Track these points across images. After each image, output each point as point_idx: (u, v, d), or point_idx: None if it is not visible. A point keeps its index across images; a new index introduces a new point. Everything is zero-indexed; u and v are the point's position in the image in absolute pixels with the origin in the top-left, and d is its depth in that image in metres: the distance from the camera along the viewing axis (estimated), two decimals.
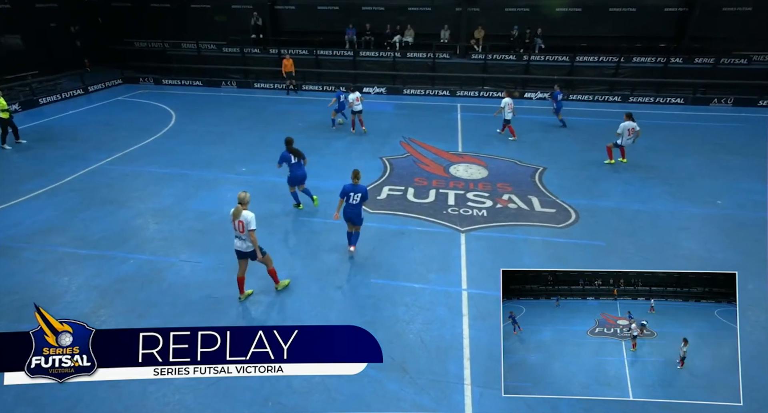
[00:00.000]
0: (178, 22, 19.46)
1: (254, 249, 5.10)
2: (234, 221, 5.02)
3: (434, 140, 11.40)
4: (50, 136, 11.83)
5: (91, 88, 16.42)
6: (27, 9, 16.50)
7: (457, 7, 17.54)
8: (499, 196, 8.24)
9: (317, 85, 17.23)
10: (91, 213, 7.66)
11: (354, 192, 5.95)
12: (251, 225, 4.93)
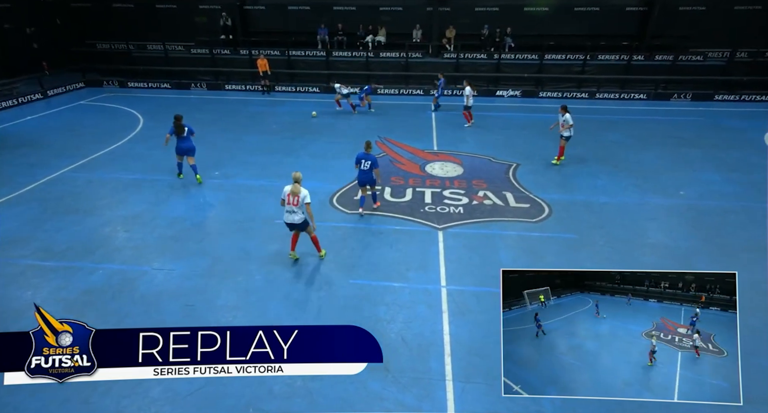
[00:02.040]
0: (143, 23, 18.85)
1: (305, 220, 5.77)
2: (290, 197, 5.63)
3: (409, 139, 11.47)
4: (7, 143, 11.23)
5: (50, 92, 15.68)
6: None
7: (428, 7, 17.69)
8: (475, 193, 8.38)
9: (290, 86, 17.03)
10: (54, 223, 7.33)
11: (365, 159, 7.22)
12: (307, 199, 5.65)
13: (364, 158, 7.23)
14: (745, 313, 3.22)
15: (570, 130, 9.50)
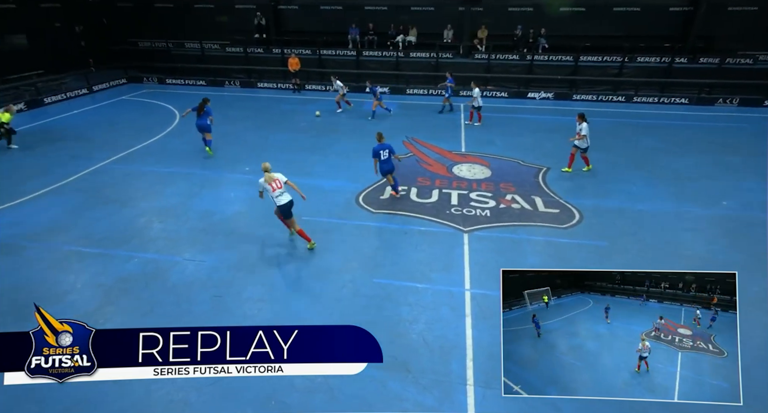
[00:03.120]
0: (181, 22, 19.53)
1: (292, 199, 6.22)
2: (271, 184, 6.05)
3: (437, 140, 11.39)
4: (55, 135, 11.89)
5: (95, 88, 16.51)
6: (31, 9, 16.58)
7: (460, 7, 17.51)
8: (503, 196, 8.23)
9: (320, 85, 17.24)
10: (95, 212, 7.70)
11: (382, 149, 7.64)
12: (283, 178, 6.16)
13: (381, 149, 7.65)
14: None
15: (585, 140, 9.00)
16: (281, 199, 6.18)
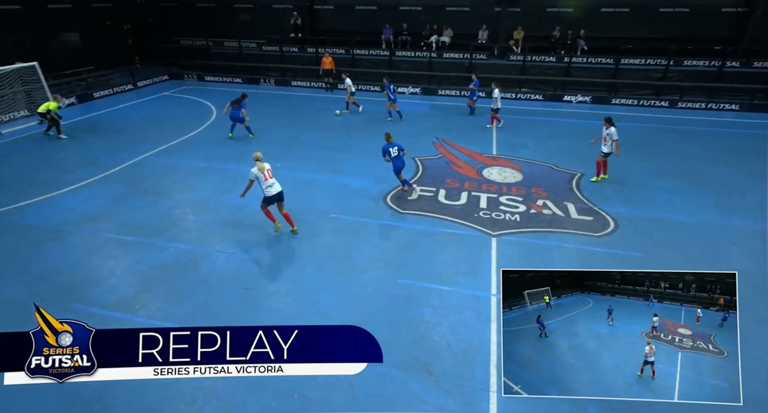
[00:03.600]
0: (222, 21, 20.18)
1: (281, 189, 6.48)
2: (263, 173, 6.34)
3: (468, 142, 11.25)
4: (102, 128, 12.56)
5: (139, 84, 17.31)
6: (85, 9, 17.57)
7: (496, 7, 17.23)
8: (534, 201, 8.03)
9: (353, 85, 17.35)
10: (134, 202, 8.07)
11: (391, 147, 7.95)
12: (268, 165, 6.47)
13: (390, 146, 7.96)
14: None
15: (611, 146, 8.51)
16: (272, 189, 6.45)
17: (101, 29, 18.29)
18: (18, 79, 12.15)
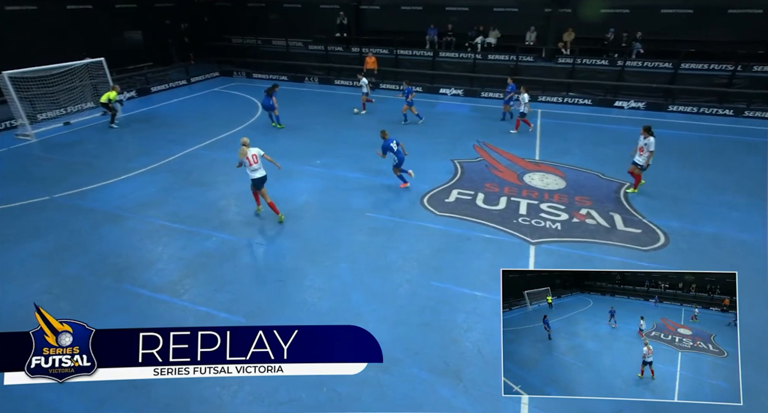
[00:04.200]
0: (271, 21, 20.85)
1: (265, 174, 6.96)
2: (247, 158, 6.77)
3: (510, 146, 10.99)
4: (157, 121, 13.33)
5: (193, 80, 18.22)
6: (148, 8, 18.71)
7: (546, 8, 16.70)
8: (577, 210, 7.72)
9: (394, 84, 17.42)
10: (183, 192, 8.51)
11: (392, 142, 8.30)
12: (261, 152, 6.93)
13: (390, 142, 8.30)
14: None
15: (645, 157, 8.02)
16: (256, 174, 6.96)
17: (161, 27, 19.41)
18: (86, 73, 13.13)
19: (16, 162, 10.12)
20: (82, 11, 16.16)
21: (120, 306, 5.38)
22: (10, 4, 14.09)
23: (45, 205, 7.94)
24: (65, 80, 12.57)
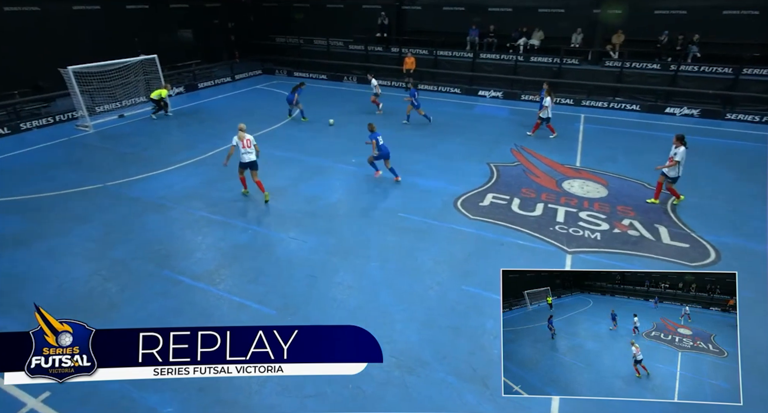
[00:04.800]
0: (313, 20, 21.26)
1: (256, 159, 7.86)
2: (243, 141, 7.72)
3: (549, 151, 10.65)
4: (203, 115, 13.92)
5: (237, 77, 18.88)
6: (198, 8, 19.58)
7: (595, 9, 16.05)
8: (619, 220, 7.37)
9: (432, 85, 17.32)
10: (223, 185, 8.83)
11: (378, 136, 8.66)
12: (254, 140, 7.87)
13: (377, 136, 8.68)
14: None
15: (676, 168, 7.56)
16: (248, 156, 7.80)
17: (209, 26, 20.24)
18: (140, 69, 13.90)
19: (75, 150, 10.88)
20: (139, 11, 17.13)
21: (161, 291, 5.65)
22: (77, 4, 15.15)
23: (97, 192, 8.47)
24: (121, 75, 13.36)
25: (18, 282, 5.84)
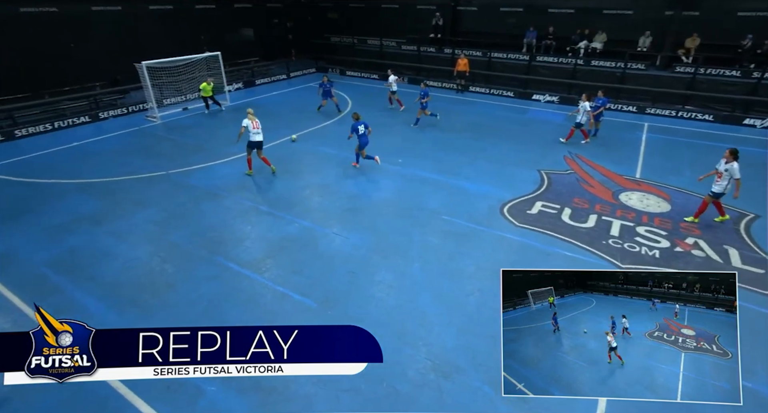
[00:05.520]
0: (368, 21, 21.54)
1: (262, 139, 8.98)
2: (253, 123, 8.79)
3: (607, 160, 10.09)
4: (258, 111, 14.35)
5: (292, 74, 19.55)
6: (261, 7, 20.46)
7: (667, 11, 14.98)
8: (682, 238, 6.84)
9: (485, 88, 16.98)
10: (273, 178, 9.17)
11: (360, 125, 9.17)
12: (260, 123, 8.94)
13: (359, 124, 9.14)
14: None
15: (723, 184, 6.89)
16: (257, 137, 8.85)
17: (270, 25, 21.10)
18: (205, 65, 14.76)
19: (143, 139, 11.76)
20: (207, 10, 18.19)
21: (212, 275, 5.98)
22: (153, 4, 16.34)
23: (161, 179, 9.10)
24: (187, 71, 14.28)
25: (91, 257, 6.41)
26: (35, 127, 12.04)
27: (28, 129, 11.90)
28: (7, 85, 12.81)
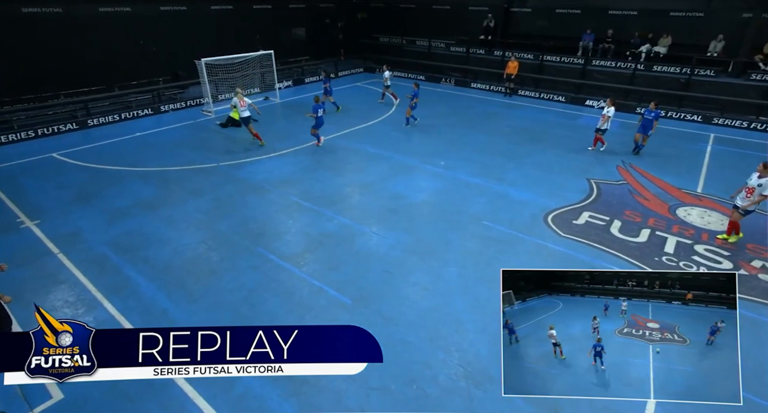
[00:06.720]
0: (417, 21, 21.49)
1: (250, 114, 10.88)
2: (240, 101, 10.51)
3: (664, 172, 9.46)
4: (304, 109, 14.87)
5: (340, 73, 19.89)
6: (314, 7, 20.99)
7: (745, 13, 13.79)
8: (747, 261, 6.28)
9: (534, 92, 16.45)
10: (316, 174, 9.39)
11: (320, 108, 10.70)
12: (250, 100, 10.76)
13: (319, 107, 10.64)
14: None
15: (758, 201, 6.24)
16: (245, 113, 10.71)
17: (321, 25, 21.60)
18: (258, 63, 15.37)
19: (198, 132, 12.43)
20: (262, 10, 18.92)
21: (253, 265, 6.22)
22: (215, 4, 17.23)
23: (211, 171, 9.58)
24: (241, 68, 14.92)
25: (145, 240, 6.87)
26: (105, 117, 13.07)
27: (99, 119, 12.95)
28: (85, 79, 14.00)
